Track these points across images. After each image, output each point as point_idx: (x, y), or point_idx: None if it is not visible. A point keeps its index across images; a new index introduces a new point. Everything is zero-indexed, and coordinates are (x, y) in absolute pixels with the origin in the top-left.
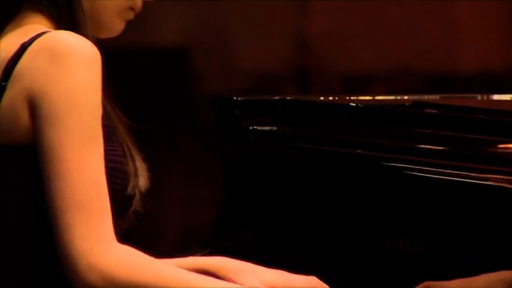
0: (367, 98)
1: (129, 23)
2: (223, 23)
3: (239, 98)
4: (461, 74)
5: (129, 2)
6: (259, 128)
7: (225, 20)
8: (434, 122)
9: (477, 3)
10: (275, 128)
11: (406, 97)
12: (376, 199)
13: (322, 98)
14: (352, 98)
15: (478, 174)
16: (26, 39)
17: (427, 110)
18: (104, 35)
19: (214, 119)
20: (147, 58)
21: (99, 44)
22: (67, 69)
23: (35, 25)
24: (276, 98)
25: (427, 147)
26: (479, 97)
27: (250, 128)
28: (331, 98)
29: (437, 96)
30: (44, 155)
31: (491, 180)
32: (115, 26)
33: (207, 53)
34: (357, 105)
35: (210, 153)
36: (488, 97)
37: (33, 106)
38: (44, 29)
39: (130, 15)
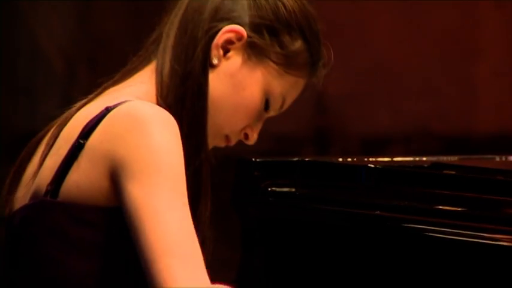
0: (386, 159)
1: None
2: None
3: (258, 160)
4: (479, 135)
5: (229, 131)
6: (277, 189)
7: None
8: (453, 183)
9: (495, 65)
10: (293, 190)
11: (424, 158)
12: (395, 260)
13: (340, 159)
14: (370, 159)
15: (496, 236)
16: (112, 103)
17: (445, 171)
18: None
19: (233, 180)
20: None
21: None
22: (147, 133)
23: (129, 92)
24: (295, 159)
25: (445, 209)
26: (497, 158)
27: (269, 189)
28: (349, 160)
29: (456, 158)
30: (132, 212)
31: (509, 241)
32: (212, 141)
33: None
34: (375, 167)
35: (229, 215)
36: (506, 158)
37: (115, 170)
38: (134, 98)
39: (222, 143)
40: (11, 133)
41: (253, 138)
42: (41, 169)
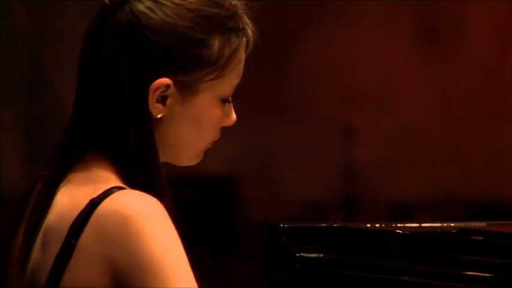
0: (414, 225)
1: None
2: (270, 151)
3: (286, 225)
4: (507, 200)
5: (212, 141)
6: (306, 255)
7: (271, 148)
8: (481, 249)
9: None
10: (322, 255)
11: (452, 224)
12: None
13: (368, 225)
14: (398, 225)
15: None
16: (95, 194)
17: (473, 237)
18: (180, 165)
19: (261, 246)
20: (194, 185)
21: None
22: (143, 237)
23: (102, 172)
24: (323, 225)
25: (473, 274)
26: None
27: (297, 255)
28: (377, 225)
29: (484, 223)
30: None
31: None
32: (194, 161)
33: (254, 181)
34: (403, 232)
35: (257, 281)
36: None
37: (117, 275)
38: (113, 183)
39: (210, 146)
40: None
41: (232, 121)
42: (30, 265)
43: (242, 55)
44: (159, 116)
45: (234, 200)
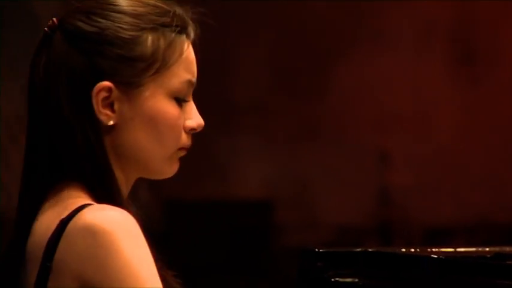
0: (449, 250)
1: (210, 176)
2: (305, 176)
3: (321, 250)
4: None
5: (178, 146)
6: (341, 279)
7: (307, 173)
8: None
9: None
10: (357, 280)
11: (487, 249)
12: None
13: (403, 250)
14: (433, 249)
15: None
16: (64, 214)
17: (508, 262)
18: (158, 177)
19: (296, 271)
20: (229, 210)
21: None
22: (111, 250)
23: (73, 198)
24: (358, 249)
25: None
26: None
27: (332, 279)
28: (412, 250)
29: None
30: None
31: None
32: (167, 170)
33: (289, 206)
34: (438, 257)
35: None
36: None
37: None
38: (82, 201)
39: (182, 153)
40: None
41: (198, 124)
42: None
43: (185, 51)
44: (110, 122)
45: (270, 224)
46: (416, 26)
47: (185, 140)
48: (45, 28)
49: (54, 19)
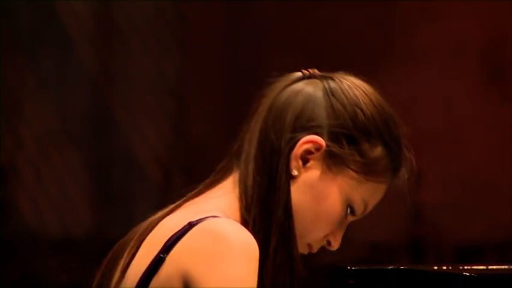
0: (481, 267)
1: None
2: None
3: (353, 268)
4: None
5: (311, 239)
6: None
7: None
8: None
9: None
10: None
11: None
12: None
13: (435, 268)
14: (465, 267)
15: None
16: (195, 218)
17: None
18: None
19: None
20: None
21: None
22: (226, 260)
23: (210, 210)
24: (390, 267)
25: None
26: None
27: None
28: (444, 268)
29: None
30: None
31: None
32: (300, 249)
33: None
34: (470, 275)
35: None
36: None
37: (188, 285)
38: (217, 212)
39: (304, 251)
40: (107, 240)
41: (336, 244)
42: (124, 278)
43: (385, 182)
44: (294, 172)
45: None
46: (448, 44)
47: (319, 241)
48: (304, 70)
49: (316, 71)
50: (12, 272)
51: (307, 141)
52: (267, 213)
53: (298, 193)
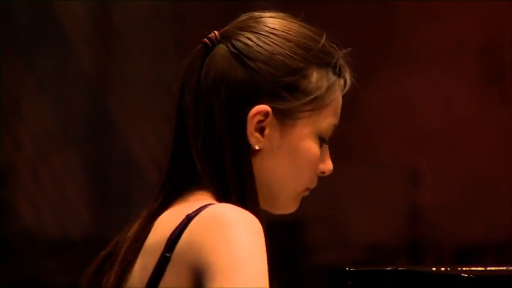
0: (479, 268)
1: None
2: (335, 194)
3: (351, 269)
4: None
5: (308, 185)
6: None
7: (337, 191)
8: None
9: None
10: None
11: None
12: None
13: (434, 269)
14: (464, 268)
15: None
16: (191, 210)
17: None
18: (278, 212)
19: None
20: None
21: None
22: (229, 237)
23: (200, 200)
24: (388, 268)
25: None
26: None
27: None
28: (443, 269)
29: None
30: None
31: None
32: (291, 207)
33: (319, 224)
34: (469, 276)
35: None
36: None
37: (198, 278)
38: (209, 201)
39: (306, 193)
40: (105, 241)
41: (329, 168)
42: (129, 282)
43: (339, 94)
44: (257, 146)
45: (299, 243)
46: (447, 44)
47: (314, 180)
48: (205, 39)
49: (216, 32)
50: (10, 273)
51: (253, 115)
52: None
53: (271, 162)
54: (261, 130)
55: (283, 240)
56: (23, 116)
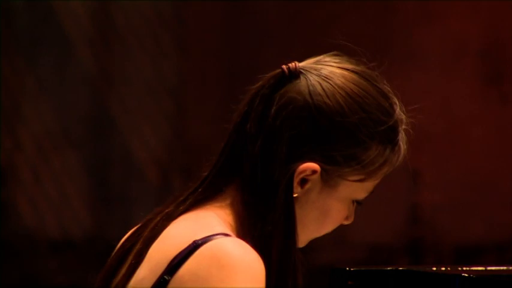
0: (480, 268)
1: None
2: None
3: (352, 269)
4: None
5: (325, 233)
6: None
7: None
8: None
9: None
10: None
11: None
12: None
13: (434, 268)
14: (464, 268)
15: None
16: (199, 236)
17: None
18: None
19: None
20: None
21: None
22: (229, 281)
23: (212, 223)
24: (389, 268)
25: None
26: None
27: None
28: (443, 269)
29: None
30: None
31: None
32: (303, 244)
33: None
34: (469, 276)
35: None
36: None
37: None
38: (220, 227)
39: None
40: (105, 242)
41: (350, 222)
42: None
43: (389, 169)
44: (294, 195)
45: None
46: (447, 45)
47: (332, 229)
48: (284, 66)
49: (297, 64)
50: (11, 274)
51: (303, 170)
52: (269, 239)
53: (300, 211)
54: (303, 182)
55: None
56: (23, 116)
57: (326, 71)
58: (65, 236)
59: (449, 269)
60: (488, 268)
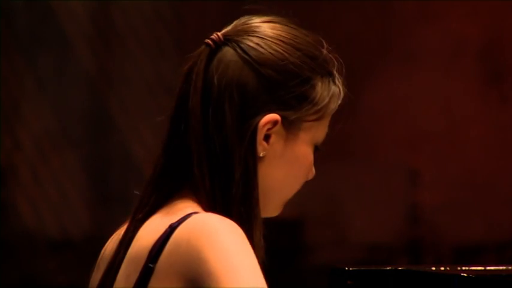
0: (479, 268)
1: None
2: (335, 194)
3: (351, 268)
4: None
5: (297, 190)
6: None
7: (336, 191)
8: None
9: None
10: None
11: None
12: None
13: (433, 268)
14: (463, 268)
15: None
16: (174, 220)
17: None
18: (264, 215)
19: None
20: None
21: None
22: (218, 243)
23: (185, 208)
24: (388, 268)
25: None
26: None
27: None
28: (442, 268)
29: None
30: None
31: None
32: (276, 212)
33: (319, 224)
34: (468, 276)
35: None
36: None
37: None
38: (193, 209)
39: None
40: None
41: (313, 174)
42: None
43: (337, 104)
44: (261, 154)
45: (299, 243)
46: (447, 45)
47: (300, 186)
48: (208, 40)
49: (219, 34)
50: (10, 273)
51: (265, 123)
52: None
53: (271, 169)
54: (267, 138)
55: (283, 240)
56: (23, 116)
57: (250, 29)
58: (64, 236)
59: (448, 268)
60: (488, 268)
